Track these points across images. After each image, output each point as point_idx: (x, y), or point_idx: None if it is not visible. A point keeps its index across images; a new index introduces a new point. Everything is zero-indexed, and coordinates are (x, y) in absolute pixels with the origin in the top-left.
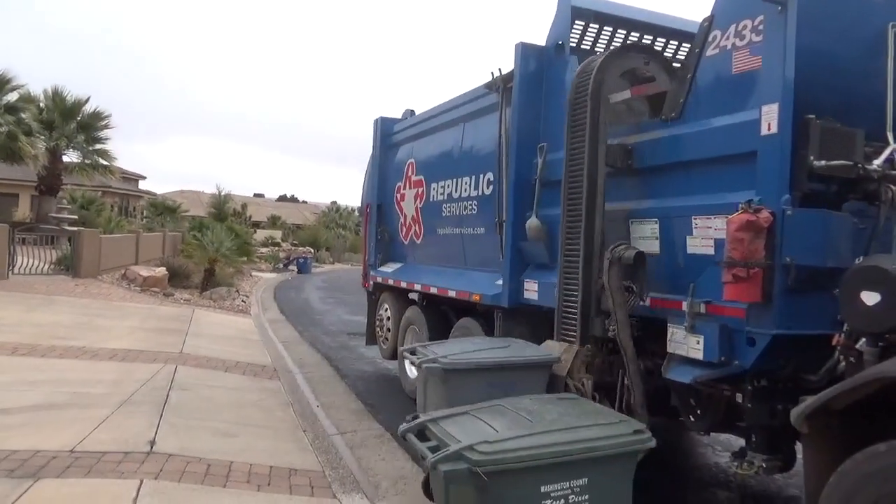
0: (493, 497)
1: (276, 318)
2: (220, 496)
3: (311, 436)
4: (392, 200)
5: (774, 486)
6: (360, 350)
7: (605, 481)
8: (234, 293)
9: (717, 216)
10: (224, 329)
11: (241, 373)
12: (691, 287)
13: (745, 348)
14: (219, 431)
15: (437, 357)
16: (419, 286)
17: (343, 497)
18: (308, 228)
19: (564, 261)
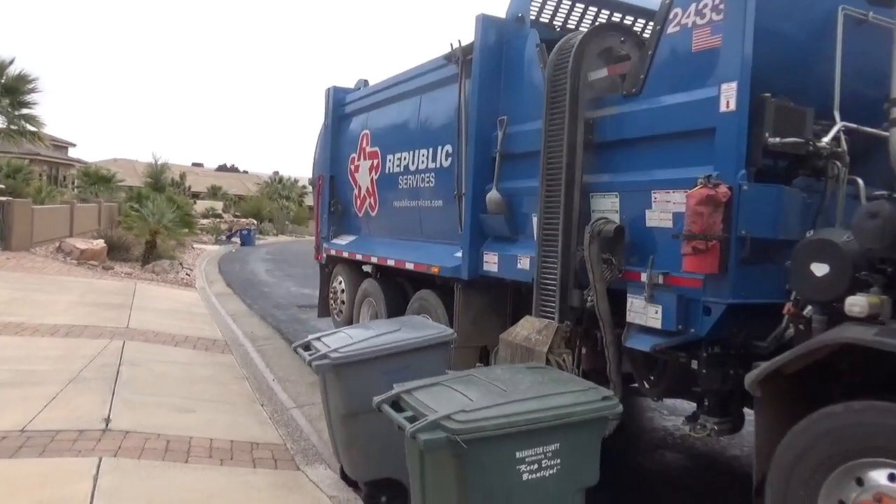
0: (471, 464)
1: (222, 292)
2: (183, 472)
3: (269, 409)
4: (345, 172)
5: (719, 446)
6: (311, 323)
7: (575, 446)
8: (178, 266)
9: (675, 190)
10: (170, 303)
11: (192, 347)
12: (650, 259)
13: (701, 317)
14: (175, 407)
15: (328, 352)
16: (375, 258)
17: (307, 469)
18: (250, 199)
19: (543, 235)
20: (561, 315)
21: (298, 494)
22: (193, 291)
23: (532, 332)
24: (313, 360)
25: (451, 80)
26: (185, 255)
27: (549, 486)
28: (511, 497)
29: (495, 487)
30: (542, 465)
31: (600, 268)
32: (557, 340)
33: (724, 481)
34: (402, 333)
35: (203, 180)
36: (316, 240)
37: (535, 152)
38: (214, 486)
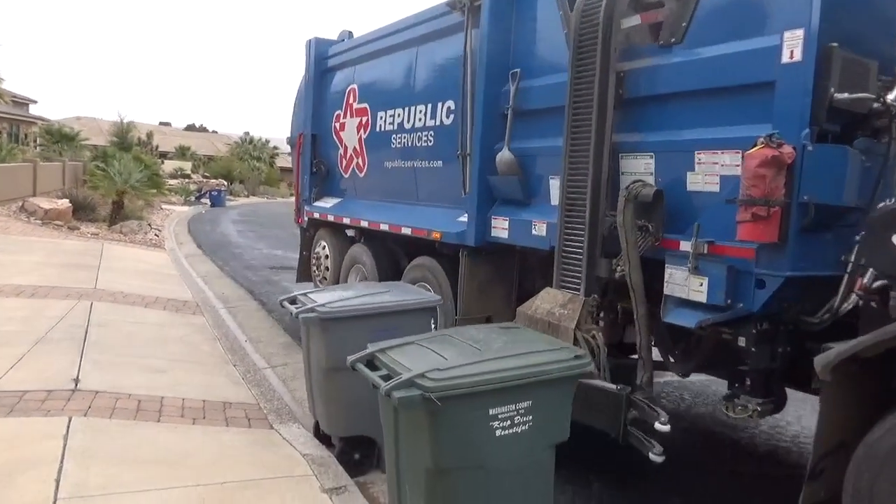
0: (444, 421)
1: (193, 253)
2: (155, 431)
3: (241, 370)
4: (329, 130)
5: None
6: (284, 284)
7: (547, 403)
8: (146, 227)
9: (725, 151)
10: (139, 264)
11: (163, 308)
12: (695, 227)
13: (754, 291)
14: (146, 367)
15: (315, 306)
16: (365, 223)
17: (280, 428)
18: (220, 160)
19: (567, 200)
20: (587, 287)
21: (272, 452)
22: (163, 252)
23: (555, 306)
24: (300, 313)
25: (455, 30)
26: (153, 215)
27: (521, 441)
28: (483, 453)
29: (468, 443)
30: (514, 421)
31: (635, 235)
32: (584, 315)
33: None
34: (389, 296)
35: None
36: (296, 202)
37: (554, 108)
38: (188, 445)
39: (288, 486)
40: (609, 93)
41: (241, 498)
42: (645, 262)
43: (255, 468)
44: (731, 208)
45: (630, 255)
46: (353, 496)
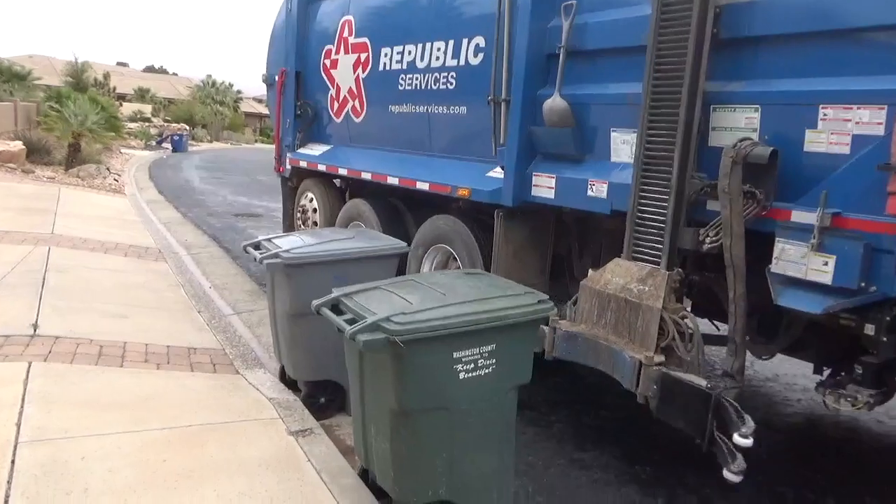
0: (409, 364)
1: (154, 199)
2: (117, 376)
3: (206, 316)
4: (317, 68)
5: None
6: (249, 231)
7: (510, 347)
8: (105, 171)
9: (863, 106)
10: (98, 209)
11: (123, 255)
12: (823, 196)
13: (893, 272)
14: (107, 313)
15: (280, 252)
16: (368, 175)
17: (246, 373)
18: (182, 103)
19: (646, 157)
20: (669, 259)
21: (237, 396)
22: (123, 198)
23: (632, 281)
24: (264, 259)
25: None
26: (112, 160)
27: (485, 384)
28: (447, 395)
29: (432, 386)
30: (478, 364)
31: (740, 202)
32: (669, 292)
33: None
34: (355, 242)
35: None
36: (276, 149)
37: (624, 49)
38: (151, 389)
39: (254, 429)
40: (707, 28)
41: (207, 440)
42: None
43: (222, 412)
44: (864, 174)
45: (734, 226)
46: (318, 438)
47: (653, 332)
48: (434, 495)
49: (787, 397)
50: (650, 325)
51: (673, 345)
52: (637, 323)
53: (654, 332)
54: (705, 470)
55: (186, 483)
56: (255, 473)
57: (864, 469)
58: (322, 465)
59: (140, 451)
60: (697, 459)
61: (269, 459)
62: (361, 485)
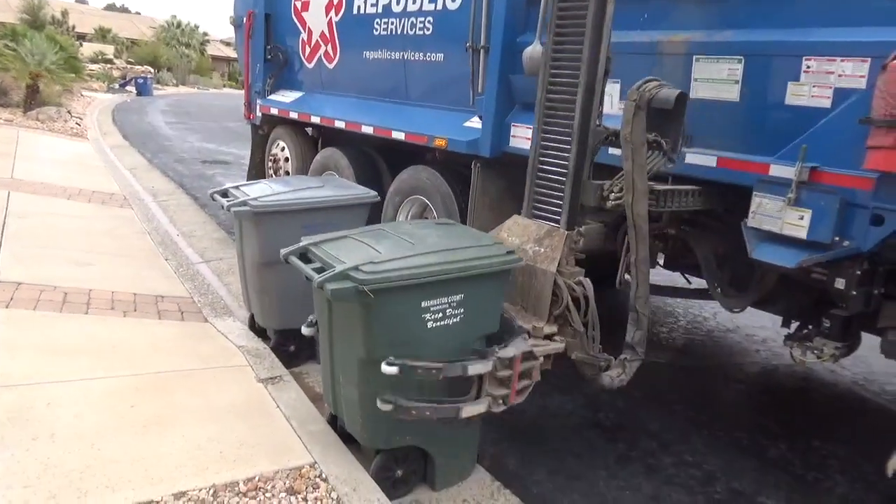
0: (377, 313)
1: (118, 144)
2: (82, 322)
3: (174, 264)
4: (288, 9)
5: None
6: (217, 179)
7: (478, 296)
8: (66, 114)
9: (846, 58)
10: (59, 153)
11: (87, 200)
12: (802, 150)
13: (866, 228)
14: (71, 260)
15: (248, 199)
16: (342, 123)
17: (215, 321)
18: (146, 45)
19: (547, 102)
20: (569, 217)
21: (206, 344)
22: (86, 143)
23: (528, 241)
24: (232, 206)
25: None
26: (73, 102)
27: (453, 333)
28: (415, 343)
29: (400, 334)
30: (446, 313)
31: (643, 153)
32: (566, 254)
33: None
34: (325, 191)
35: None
36: (245, 95)
37: None
38: (118, 336)
39: (224, 376)
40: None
41: (176, 387)
42: (713, 185)
43: (190, 359)
44: (844, 129)
45: (636, 180)
46: (287, 385)
47: (545, 298)
48: (401, 441)
49: (745, 348)
50: (543, 290)
51: (566, 314)
52: (531, 289)
53: (546, 298)
54: (666, 416)
55: (155, 428)
56: (224, 419)
57: (814, 415)
58: (291, 412)
59: (107, 398)
60: (660, 407)
61: (239, 406)
62: (330, 431)
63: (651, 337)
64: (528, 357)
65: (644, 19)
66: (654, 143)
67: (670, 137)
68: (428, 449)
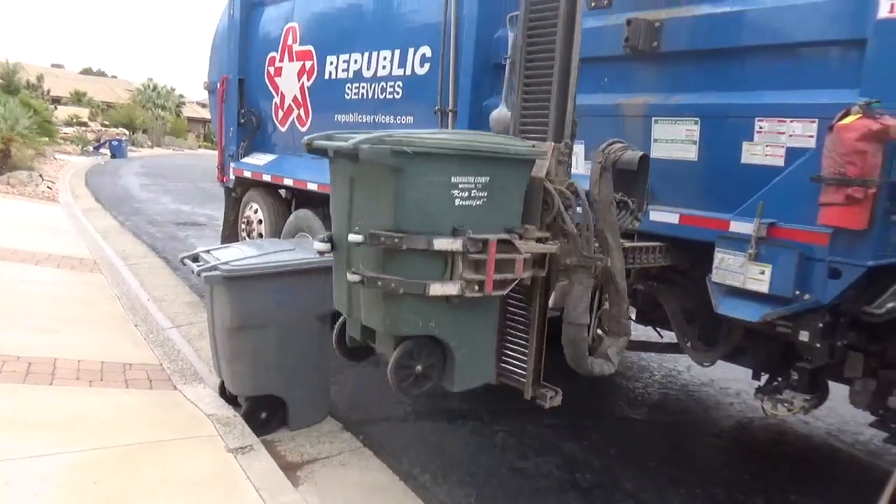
0: (410, 179)
1: (90, 207)
2: (46, 394)
3: (143, 330)
4: (261, 75)
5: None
6: (191, 241)
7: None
8: (38, 178)
9: (796, 119)
10: (29, 218)
11: (56, 266)
12: (759, 207)
13: (825, 281)
14: (37, 328)
15: (219, 264)
16: (314, 185)
17: (185, 389)
18: (121, 107)
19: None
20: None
21: (174, 413)
22: (57, 206)
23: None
24: (202, 271)
25: None
26: (46, 166)
27: (476, 216)
28: (440, 218)
29: (430, 205)
30: (471, 193)
31: (613, 212)
32: (555, 165)
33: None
34: (296, 253)
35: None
36: (219, 158)
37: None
38: (83, 408)
39: (192, 447)
40: (577, 9)
41: (141, 460)
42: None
43: (157, 429)
44: (797, 186)
45: (610, 238)
46: (258, 454)
47: (536, 204)
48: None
49: (720, 401)
50: (535, 192)
51: (559, 220)
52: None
53: (537, 204)
54: (643, 474)
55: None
56: (191, 493)
57: (789, 468)
58: (262, 483)
59: (70, 473)
60: (636, 465)
61: (208, 478)
62: (302, 499)
63: (626, 392)
64: (505, 245)
65: (605, 83)
66: (620, 202)
67: (636, 197)
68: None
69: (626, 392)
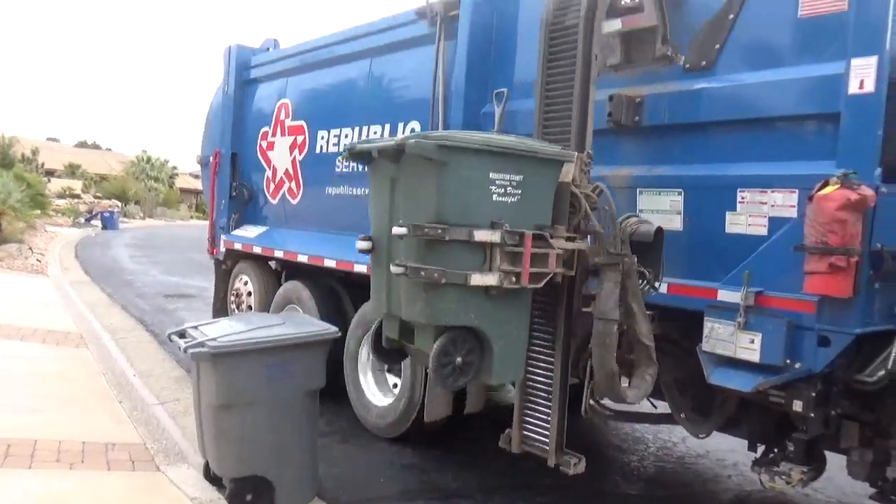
0: (451, 175)
1: (79, 280)
2: (24, 478)
3: (128, 407)
4: (254, 149)
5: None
6: (180, 314)
7: (534, 182)
8: (28, 251)
9: (776, 190)
10: (17, 291)
11: (41, 341)
12: (746, 276)
13: (815, 349)
14: (18, 407)
15: (206, 340)
16: (304, 257)
17: (168, 469)
18: (114, 179)
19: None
20: (565, 337)
21: (156, 497)
22: (45, 279)
23: None
24: (189, 348)
25: (422, 42)
26: (36, 238)
27: (510, 212)
28: (478, 212)
29: (470, 198)
30: (507, 190)
31: (636, 280)
32: (578, 174)
33: None
34: (284, 328)
35: (59, 157)
36: (210, 230)
37: None
38: (62, 492)
39: None
40: (589, 114)
41: None
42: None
43: None
44: (781, 254)
45: (633, 303)
46: None
47: (564, 208)
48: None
49: (718, 474)
50: (563, 197)
51: (586, 221)
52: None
53: (564, 208)
54: None
55: None
56: None
57: None
58: None
59: None
60: None
61: None
62: None
63: (622, 466)
64: (539, 241)
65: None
66: (638, 272)
67: (652, 267)
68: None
69: (621, 466)
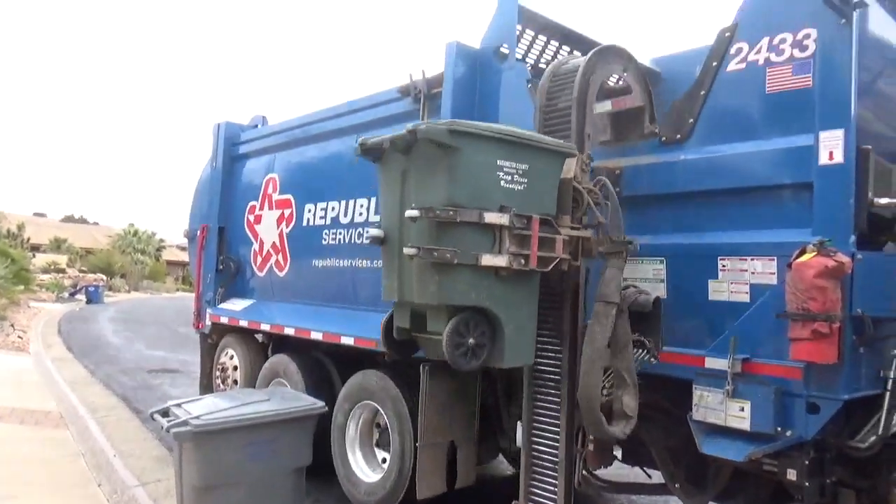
0: (462, 160)
1: (61, 356)
2: None
3: (107, 490)
4: (241, 223)
5: None
6: (164, 389)
7: (539, 171)
8: (9, 328)
9: (756, 258)
10: None
11: (19, 422)
12: (732, 342)
13: (805, 416)
14: None
15: (189, 419)
16: (291, 330)
17: None
18: (100, 253)
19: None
20: (569, 407)
21: None
22: (26, 357)
23: None
24: (171, 427)
25: (405, 118)
26: (19, 315)
27: (517, 199)
28: (487, 197)
29: (480, 183)
30: (514, 178)
31: (630, 353)
32: (578, 172)
33: None
34: (270, 404)
35: (46, 232)
36: (195, 304)
37: None
38: None
39: None
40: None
41: None
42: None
43: None
44: (765, 321)
45: (627, 377)
46: None
47: (567, 202)
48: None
49: None
50: (565, 193)
51: (588, 212)
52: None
53: (567, 203)
54: None
55: None
56: None
57: None
58: None
59: None
60: None
61: None
62: None
63: None
64: (546, 226)
65: None
66: (637, 342)
67: (651, 336)
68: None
69: None
